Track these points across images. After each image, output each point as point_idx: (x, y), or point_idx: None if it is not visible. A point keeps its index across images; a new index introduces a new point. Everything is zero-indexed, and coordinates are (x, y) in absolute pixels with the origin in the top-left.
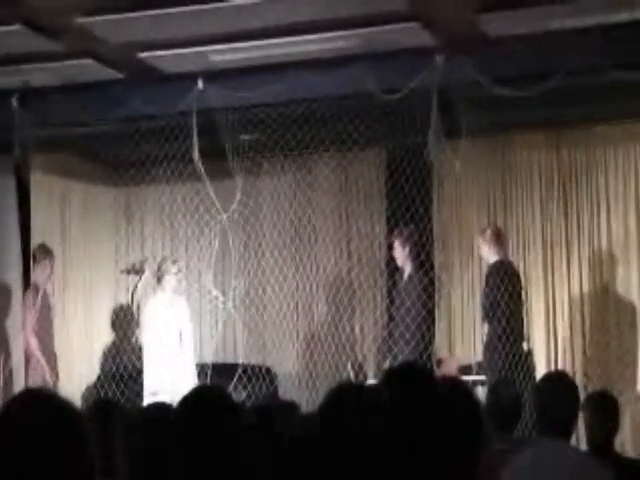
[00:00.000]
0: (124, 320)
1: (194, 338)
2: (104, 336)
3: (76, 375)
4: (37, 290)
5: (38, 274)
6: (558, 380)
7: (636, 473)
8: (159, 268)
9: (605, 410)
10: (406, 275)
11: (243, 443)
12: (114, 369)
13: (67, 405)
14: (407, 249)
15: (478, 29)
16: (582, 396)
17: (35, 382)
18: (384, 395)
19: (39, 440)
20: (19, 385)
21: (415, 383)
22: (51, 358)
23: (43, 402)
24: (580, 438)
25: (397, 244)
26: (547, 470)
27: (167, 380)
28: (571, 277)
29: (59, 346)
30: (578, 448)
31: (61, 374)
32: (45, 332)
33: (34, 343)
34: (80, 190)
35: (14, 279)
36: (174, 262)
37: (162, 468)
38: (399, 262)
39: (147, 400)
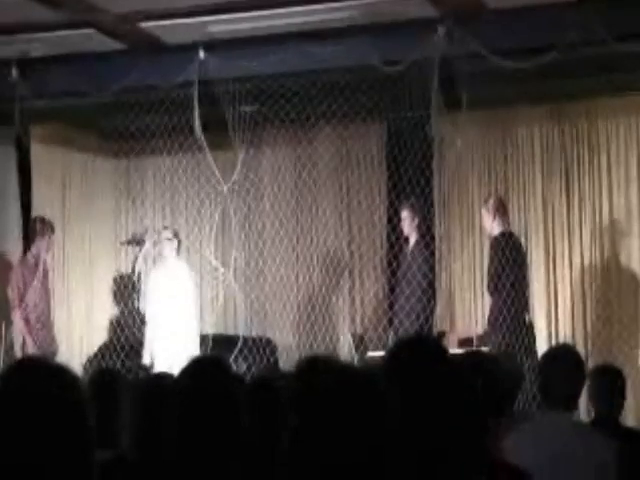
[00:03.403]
0: (125, 292)
1: (196, 308)
2: (105, 308)
3: (77, 346)
4: (37, 263)
5: (42, 247)
6: (564, 354)
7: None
8: (157, 239)
9: (611, 384)
10: (410, 247)
11: (242, 413)
12: (115, 340)
13: (65, 372)
14: (416, 221)
15: (480, 1)
16: None
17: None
18: (393, 366)
19: (36, 407)
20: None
21: (426, 354)
22: (48, 327)
23: (40, 369)
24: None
25: (406, 214)
26: (550, 440)
27: (164, 353)
28: (572, 249)
29: (60, 318)
30: (580, 420)
31: (62, 346)
32: (44, 303)
33: (19, 318)
34: (81, 161)
35: (14, 249)
36: (165, 228)
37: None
38: (405, 231)
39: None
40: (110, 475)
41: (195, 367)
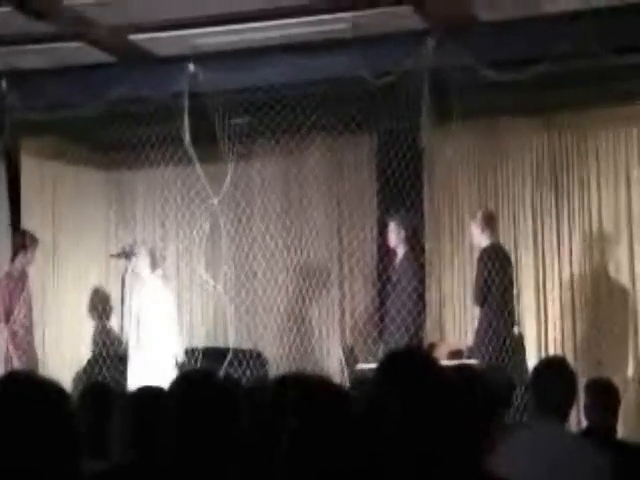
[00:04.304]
0: (106, 306)
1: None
2: (95, 320)
3: (67, 359)
4: (21, 277)
5: (26, 261)
6: (556, 366)
7: (636, 458)
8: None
9: (606, 397)
10: (398, 259)
11: (240, 415)
12: (104, 353)
13: (51, 385)
14: (403, 233)
15: (470, 12)
16: None
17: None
18: (383, 381)
19: (25, 420)
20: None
21: (416, 367)
22: (31, 340)
23: (29, 382)
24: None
25: (393, 226)
26: (546, 447)
27: (140, 369)
28: (562, 260)
29: (50, 330)
30: (571, 430)
31: (51, 358)
32: (29, 316)
33: (5, 332)
34: (71, 173)
35: (3, 263)
36: (140, 245)
37: (155, 450)
38: (392, 244)
39: None
40: None
41: (189, 375)
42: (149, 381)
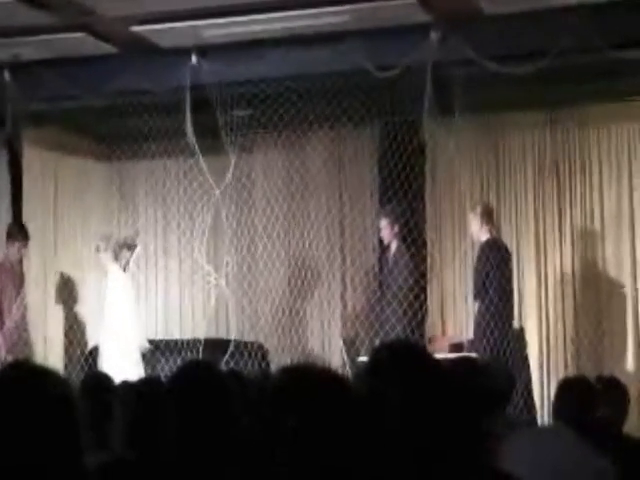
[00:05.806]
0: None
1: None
2: (95, 311)
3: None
4: (18, 270)
5: (18, 252)
6: (575, 387)
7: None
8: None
9: (614, 394)
10: (391, 253)
11: (240, 411)
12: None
13: (55, 375)
14: (396, 228)
15: (474, 6)
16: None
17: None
18: (370, 375)
19: (27, 409)
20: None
21: (407, 360)
22: (25, 330)
23: (30, 372)
24: None
25: (385, 223)
26: (550, 444)
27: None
28: (563, 255)
29: (51, 321)
30: (573, 432)
31: (51, 350)
32: (22, 314)
33: None
34: (73, 165)
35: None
36: (101, 239)
37: (156, 440)
38: (386, 240)
39: None
40: (110, 476)
41: (189, 368)
42: (115, 372)
